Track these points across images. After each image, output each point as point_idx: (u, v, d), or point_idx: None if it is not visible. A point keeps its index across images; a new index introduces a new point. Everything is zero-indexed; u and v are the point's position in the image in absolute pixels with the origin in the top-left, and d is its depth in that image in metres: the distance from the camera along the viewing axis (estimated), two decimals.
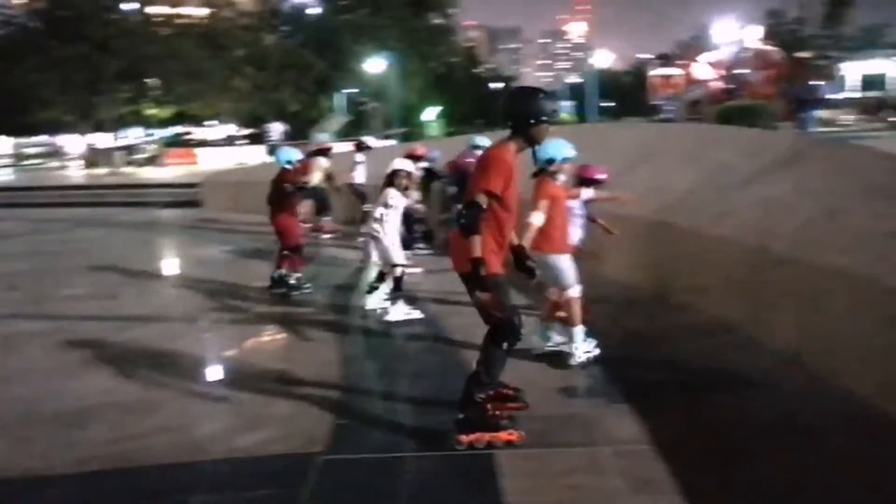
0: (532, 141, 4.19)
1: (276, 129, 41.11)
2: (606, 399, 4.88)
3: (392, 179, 7.22)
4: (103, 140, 42.08)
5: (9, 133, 50.11)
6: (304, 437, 4.42)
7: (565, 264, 5.55)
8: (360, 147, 13.00)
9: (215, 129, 53.24)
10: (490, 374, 4.22)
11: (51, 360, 6.18)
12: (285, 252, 8.35)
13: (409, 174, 7.40)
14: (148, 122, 48.40)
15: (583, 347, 5.57)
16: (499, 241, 4.17)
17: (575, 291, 5.58)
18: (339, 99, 45.68)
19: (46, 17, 39.44)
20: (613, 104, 71.22)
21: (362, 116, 47.95)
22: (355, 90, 47.49)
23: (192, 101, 42.14)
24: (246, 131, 49.08)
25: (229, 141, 47.64)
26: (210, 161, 38.16)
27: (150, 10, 43.17)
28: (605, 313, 6.60)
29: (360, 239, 11.08)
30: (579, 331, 5.57)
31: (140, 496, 3.82)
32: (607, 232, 6.86)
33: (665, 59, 69.39)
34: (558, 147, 5.50)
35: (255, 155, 36.09)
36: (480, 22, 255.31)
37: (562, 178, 5.67)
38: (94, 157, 40.11)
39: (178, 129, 52.24)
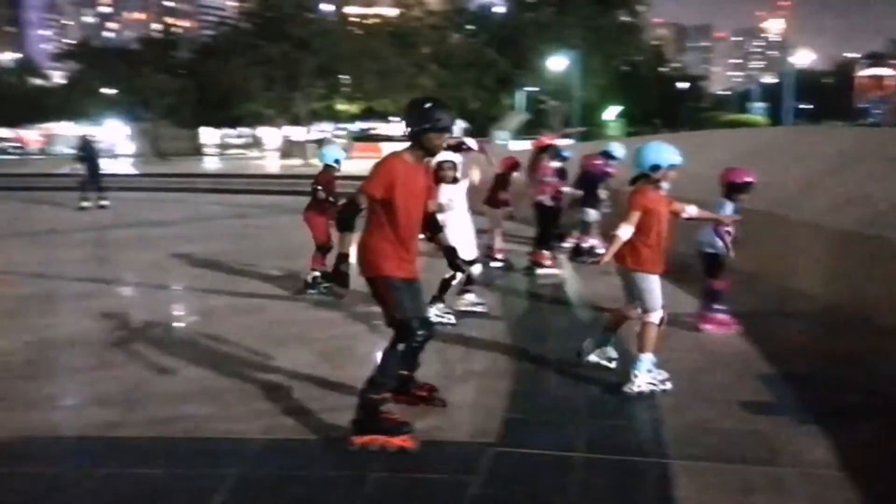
0: (427, 151, 4.29)
1: (458, 126, 42.01)
2: (794, 418, 4.59)
3: (437, 174, 6.64)
4: (298, 133, 44.93)
5: (216, 125, 54.78)
6: (475, 427, 4.51)
7: (650, 285, 5.07)
8: (458, 149, 12.37)
9: (399, 125, 55.32)
10: (384, 374, 4.30)
11: (246, 333, 6.70)
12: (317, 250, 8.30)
13: (453, 165, 6.89)
14: (339, 117, 51.11)
15: (645, 378, 5.03)
16: (394, 246, 4.27)
17: (656, 317, 5.08)
18: (520, 97, 45.90)
19: (255, 18, 42.76)
20: (811, 106, 66.45)
21: (542, 115, 47.89)
22: (536, 88, 47.52)
23: (381, 98, 43.96)
24: None
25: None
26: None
27: (346, 10, 45.52)
28: (800, 329, 6.21)
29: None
30: (647, 359, 5.06)
31: (322, 467, 4.06)
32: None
33: (876, 59, 63.80)
34: (662, 151, 4.97)
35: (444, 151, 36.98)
36: (670, 19, 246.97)
37: (665, 186, 5.17)
38: (288, 149, 42.98)
39: (365, 124, 54.80)
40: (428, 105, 4.25)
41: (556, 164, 9.86)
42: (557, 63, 44.13)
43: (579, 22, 45.95)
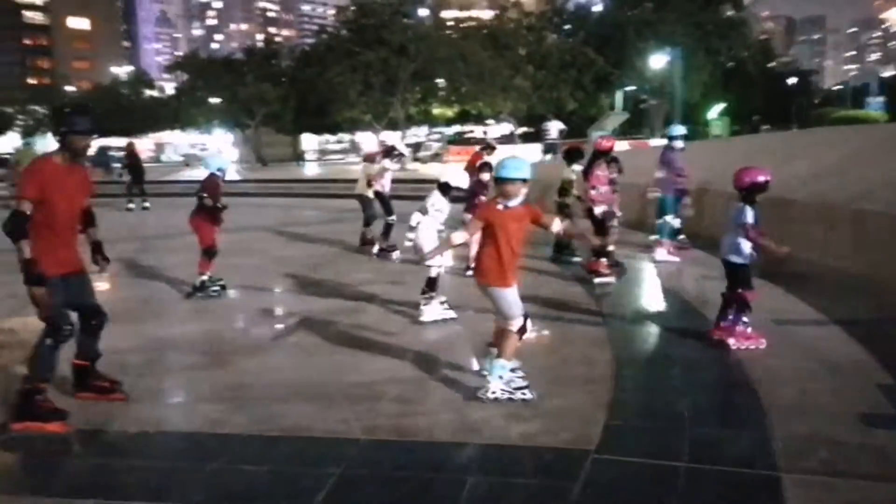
0: (72, 152, 4.66)
1: (555, 127, 41.70)
2: None
3: (445, 188, 7.38)
4: (393, 137, 45.66)
5: (315, 131, 56.26)
6: (575, 433, 4.44)
7: (504, 296, 5.01)
8: (390, 153, 12.06)
9: (493, 128, 55.36)
10: (35, 367, 4.67)
11: (344, 335, 6.83)
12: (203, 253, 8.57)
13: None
14: (434, 121, 51.58)
15: (498, 384, 4.99)
16: (49, 243, 4.59)
17: (515, 325, 5.04)
18: (619, 96, 45.10)
19: (354, 25, 43.71)
20: None
21: (642, 114, 46.92)
22: (635, 87, 46.59)
23: (476, 101, 44.10)
24: (522, 129, 50.32)
25: (507, 139, 49.22)
26: (488, 159, 39.59)
27: (442, 14, 45.91)
28: None
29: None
30: (502, 365, 5.03)
31: (421, 468, 4.08)
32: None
33: None
34: (505, 165, 4.95)
35: (531, 153, 36.89)
36: (778, 12, 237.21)
37: (517, 200, 4.93)
38: (393, 152, 43.68)
39: (459, 127, 55.11)
40: (67, 110, 4.75)
41: (611, 172, 9.62)
42: (658, 61, 43.15)
43: (681, 18, 44.81)
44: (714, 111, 48.59)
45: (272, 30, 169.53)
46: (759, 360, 5.66)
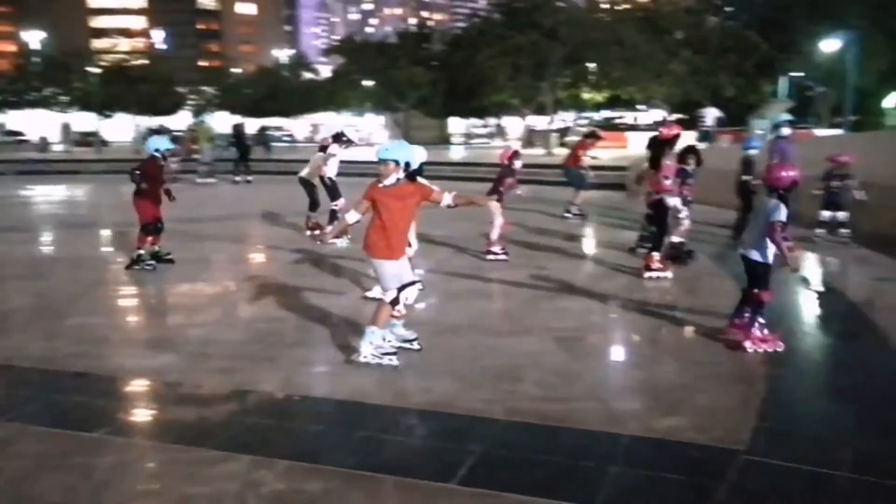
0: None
1: (711, 114, 39.91)
2: None
3: (421, 168, 7.44)
4: (540, 122, 45.26)
5: (463, 115, 56.78)
6: (723, 432, 4.29)
7: (382, 269, 5.50)
8: (338, 139, 11.86)
9: (645, 114, 53.70)
10: None
11: (487, 317, 6.91)
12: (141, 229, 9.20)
13: None
14: (583, 106, 50.71)
15: (369, 349, 5.49)
16: None
17: (389, 296, 5.48)
18: (783, 83, 42.52)
19: (506, 8, 43.63)
20: None
21: (807, 102, 44.07)
22: (801, 74, 43.77)
23: (628, 86, 42.95)
24: (676, 116, 48.57)
25: (659, 125, 47.68)
26: (639, 145, 38.61)
27: None
28: None
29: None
30: (374, 332, 5.50)
31: (562, 453, 4.08)
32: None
33: None
34: (395, 149, 5.48)
35: (685, 140, 35.51)
36: None
37: (391, 179, 5.39)
38: (530, 138, 43.43)
39: (609, 112, 53.88)
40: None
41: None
42: (829, 45, 40.23)
43: None
44: (891, 100, 44.86)
45: (425, 14, 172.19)
46: None
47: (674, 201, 8.71)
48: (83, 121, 53.80)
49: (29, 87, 52.55)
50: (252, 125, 47.52)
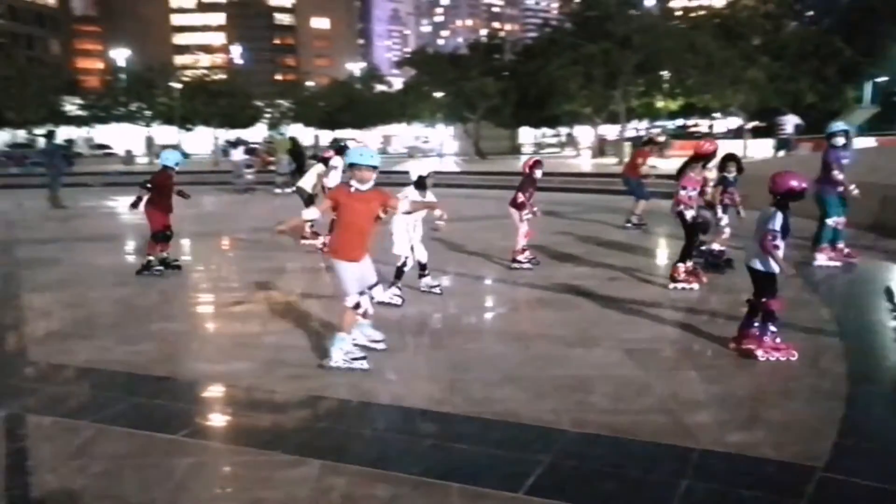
0: None
1: (790, 121, 38.66)
2: None
3: (420, 183, 7.72)
4: (612, 131, 44.74)
5: (533, 124, 56.56)
6: (800, 448, 4.16)
7: (342, 272, 5.70)
8: (341, 152, 11.94)
9: (721, 122, 52.44)
10: None
11: (558, 327, 6.87)
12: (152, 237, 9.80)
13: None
14: (657, 115, 49.90)
15: (339, 355, 5.68)
16: None
17: (350, 301, 5.65)
18: (867, 89, 40.93)
19: (578, 17, 43.36)
20: None
21: (894, 108, 42.27)
22: (887, 78, 42.02)
23: (703, 93, 42.04)
24: (752, 124, 47.28)
25: (736, 133, 46.49)
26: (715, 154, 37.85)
27: (670, 3, 44.16)
28: None
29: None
30: (342, 338, 5.72)
31: (631, 465, 4.03)
32: None
33: None
34: (352, 154, 5.75)
35: (762, 149, 34.62)
36: None
37: (367, 185, 5.64)
38: (602, 147, 42.96)
39: (683, 121, 52.85)
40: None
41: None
42: None
43: None
44: None
45: (496, 24, 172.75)
46: None
47: (691, 213, 8.59)
48: (165, 134, 55.85)
49: (116, 102, 54.81)
50: (325, 137, 48.53)
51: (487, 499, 3.68)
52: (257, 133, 57.00)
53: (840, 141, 9.75)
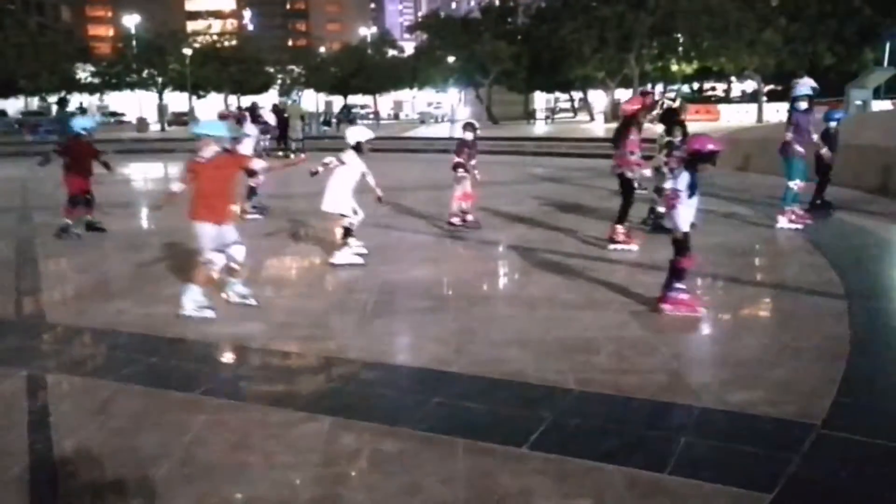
0: None
1: (805, 85, 38.18)
2: None
3: (359, 148, 8.15)
4: (626, 96, 44.30)
5: (546, 89, 56.03)
6: (798, 406, 4.24)
7: (198, 231, 6.22)
8: (255, 120, 12.57)
9: (736, 85, 51.79)
10: None
11: (562, 290, 6.96)
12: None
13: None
14: (672, 78, 49.29)
15: (190, 304, 6.22)
16: None
17: (203, 258, 6.21)
18: (887, 50, 40.20)
19: None
20: None
21: None
22: None
23: (718, 56, 41.47)
24: (769, 87, 46.67)
25: (752, 97, 45.97)
26: (730, 118, 37.57)
27: None
28: None
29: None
30: (191, 288, 6.25)
31: (634, 423, 4.13)
32: None
33: None
34: (204, 126, 6.48)
35: (778, 113, 34.20)
36: None
37: (208, 153, 6.18)
38: (616, 112, 42.59)
39: (697, 85, 52.23)
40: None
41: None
42: None
43: None
44: None
45: None
46: None
47: (634, 175, 8.76)
48: (177, 101, 55.79)
49: (127, 69, 54.74)
50: (337, 103, 48.36)
51: (492, 454, 3.79)
52: (269, 99, 56.86)
53: (802, 105, 9.97)
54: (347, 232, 8.24)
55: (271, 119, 13.57)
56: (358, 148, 8.18)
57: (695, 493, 3.38)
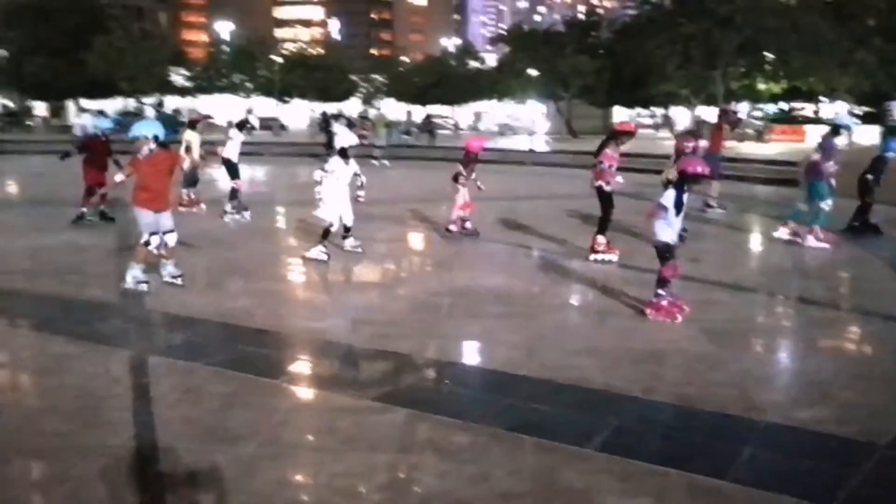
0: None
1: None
2: None
3: (343, 153, 8.88)
4: (710, 113, 43.49)
5: (627, 104, 55.47)
6: (865, 426, 4.29)
7: (138, 217, 7.33)
8: (241, 126, 13.13)
9: (827, 106, 50.16)
10: None
11: (633, 303, 7.06)
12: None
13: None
14: (758, 97, 48.20)
15: (130, 281, 7.32)
16: None
17: (142, 239, 7.27)
18: None
19: None
20: None
21: None
22: None
23: (808, 76, 40.38)
24: (862, 109, 45.10)
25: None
26: (817, 139, 36.44)
27: None
28: None
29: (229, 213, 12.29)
30: (133, 266, 7.35)
31: (697, 432, 4.26)
32: None
33: None
34: (140, 126, 7.36)
35: (869, 135, 33.06)
36: None
37: (144, 151, 7.16)
38: (698, 130, 41.88)
39: (785, 105, 50.84)
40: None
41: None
42: None
43: None
44: None
45: (594, 1, 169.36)
46: None
47: (609, 188, 9.14)
48: (263, 106, 57.59)
49: (219, 74, 56.87)
50: (416, 112, 49.10)
51: (558, 451, 3.98)
52: (352, 107, 58.12)
53: (843, 135, 10.48)
54: (326, 232, 8.83)
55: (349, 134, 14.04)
56: (343, 153, 8.87)
57: (753, 501, 3.50)
